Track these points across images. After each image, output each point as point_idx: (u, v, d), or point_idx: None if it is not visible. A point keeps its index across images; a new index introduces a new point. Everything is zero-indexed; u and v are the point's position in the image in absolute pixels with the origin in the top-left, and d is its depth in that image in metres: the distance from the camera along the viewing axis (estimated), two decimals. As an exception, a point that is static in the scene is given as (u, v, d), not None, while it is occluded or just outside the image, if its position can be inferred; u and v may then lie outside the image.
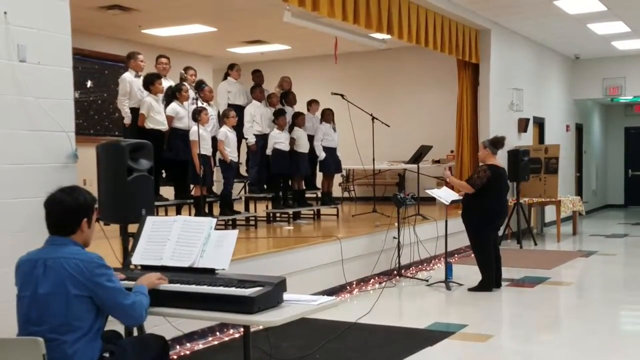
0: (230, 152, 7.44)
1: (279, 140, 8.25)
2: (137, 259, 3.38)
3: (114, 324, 3.04)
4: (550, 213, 12.18)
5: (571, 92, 14.39)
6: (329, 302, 3.11)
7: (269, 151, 8.27)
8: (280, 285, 2.98)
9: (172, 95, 7.27)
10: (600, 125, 17.30)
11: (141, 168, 4.12)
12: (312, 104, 9.28)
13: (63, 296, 2.67)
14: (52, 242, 2.82)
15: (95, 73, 10.49)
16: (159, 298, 3.01)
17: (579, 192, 14.76)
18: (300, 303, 3.02)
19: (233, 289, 2.93)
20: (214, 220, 3.36)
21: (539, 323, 5.68)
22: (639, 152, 17.29)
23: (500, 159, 7.13)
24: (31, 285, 2.73)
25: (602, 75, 13.97)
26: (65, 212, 2.81)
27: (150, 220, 3.51)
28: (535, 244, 10.34)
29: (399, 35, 8.26)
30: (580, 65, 14.30)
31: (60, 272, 2.70)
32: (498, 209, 6.80)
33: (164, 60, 7.62)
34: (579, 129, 15.32)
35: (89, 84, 10.40)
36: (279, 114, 8.35)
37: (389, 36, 8.54)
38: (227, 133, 7.37)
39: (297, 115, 8.70)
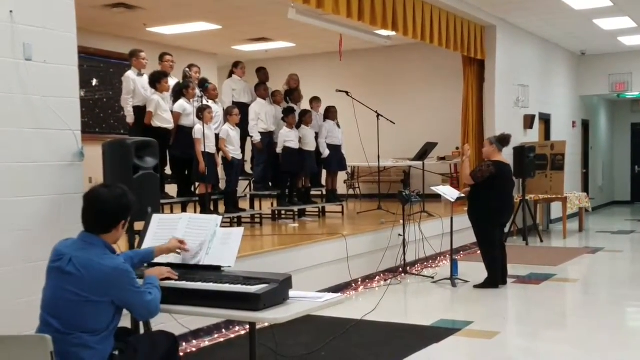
0: (234, 150, 7.45)
1: (289, 138, 8.25)
2: (143, 257, 3.38)
3: (121, 321, 3.05)
4: (556, 210, 12.14)
5: (577, 88, 14.33)
6: (334, 299, 3.10)
7: (279, 149, 8.28)
8: (286, 283, 2.99)
9: (180, 92, 7.28)
10: (607, 121, 17.22)
11: (147, 166, 4.13)
12: (314, 101, 9.27)
13: (83, 300, 2.68)
14: (84, 239, 2.80)
15: (100, 71, 10.52)
16: (166, 295, 3.01)
17: (585, 188, 14.70)
18: (305, 300, 3.02)
19: (239, 286, 2.94)
20: (220, 218, 3.37)
21: (545, 320, 5.66)
22: (645, 148, 17.24)
23: (506, 156, 7.11)
24: (54, 277, 2.74)
25: (609, 71, 13.91)
26: (105, 210, 2.79)
27: (156, 217, 3.52)
28: (542, 241, 10.31)
29: (404, 32, 8.25)
30: (586, 61, 14.24)
31: (84, 275, 2.69)
32: (503, 206, 6.78)
33: (169, 57, 7.61)
34: (585, 125, 15.26)
35: (94, 82, 10.43)
36: (288, 112, 8.35)
37: (393, 33, 8.52)
38: (228, 131, 7.37)
39: (305, 114, 8.69)
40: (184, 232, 3.35)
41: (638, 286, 7.20)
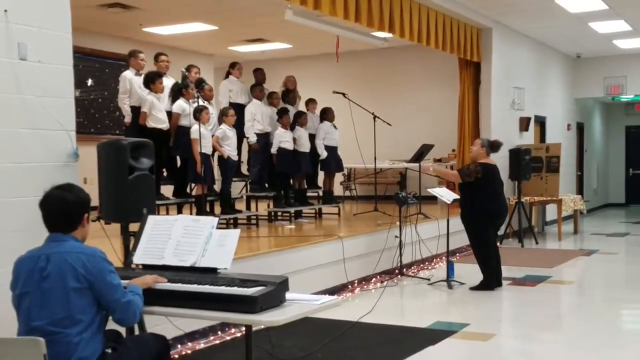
0: (231, 150, 7.42)
1: (284, 139, 8.24)
2: (138, 259, 3.37)
3: (114, 324, 3.03)
4: (551, 212, 12.16)
5: (572, 90, 14.36)
6: (331, 301, 3.10)
7: (274, 150, 8.27)
8: (282, 285, 2.97)
9: (179, 91, 7.25)
10: (601, 124, 17.28)
11: (142, 167, 4.10)
12: (310, 102, 9.26)
13: (64, 290, 2.68)
14: (53, 239, 2.81)
15: (95, 71, 10.48)
16: (161, 298, 3.00)
17: (580, 190, 14.74)
18: (302, 302, 3.01)
19: (235, 288, 2.92)
20: (216, 220, 3.35)
21: (540, 322, 5.66)
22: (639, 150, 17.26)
23: (502, 159, 7.11)
24: (33, 281, 2.72)
25: (604, 74, 13.95)
26: (68, 208, 2.81)
27: (151, 219, 3.50)
28: (537, 243, 10.33)
29: (401, 34, 8.25)
30: (581, 64, 14.28)
31: (63, 267, 2.70)
32: (495, 208, 6.77)
33: (164, 57, 7.59)
34: (580, 128, 15.30)
35: (89, 82, 10.39)
36: (282, 113, 8.34)
37: (390, 35, 8.52)
38: (226, 131, 7.35)
39: (300, 115, 8.67)
40: (179, 233, 3.33)
41: (633, 288, 7.20)
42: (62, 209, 2.80)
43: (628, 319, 6.16)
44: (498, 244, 7.52)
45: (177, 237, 3.32)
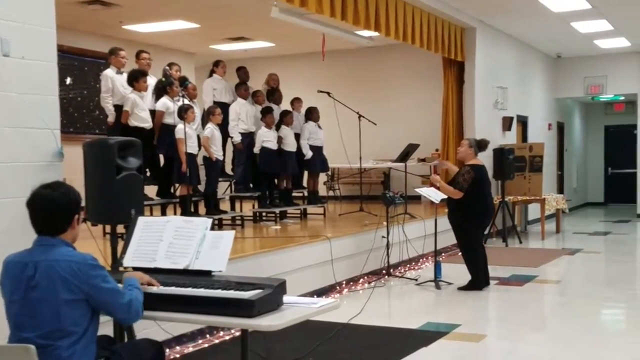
0: (216, 150, 7.31)
1: (267, 138, 8.14)
2: (128, 261, 3.24)
3: (104, 329, 2.91)
4: (533, 211, 12.23)
5: (553, 90, 14.48)
6: (329, 304, 3.02)
7: (256, 149, 8.17)
8: (279, 288, 2.88)
9: (163, 89, 7.11)
10: (581, 123, 17.46)
11: (130, 166, 3.98)
12: (295, 101, 9.17)
13: (55, 302, 2.53)
14: (41, 243, 2.65)
15: (75, 70, 10.26)
16: (154, 302, 2.89)
17: (561, 190, 14.87)
18: (300, 306, 2.93)
19: (232, 291, 2.82)
20: (210, 221, 3.25)
21: (530, 322, 5.65)
22: (618, 150, 17.46)
23: (485, 158, 7.09)
24: (21, 289, 2.58)
25: (584, 73, 14.09)
26: (57, 210, 2.64)
27: (141, 220, 3.38)
28: (520, 242, 10.37)
29: (386, 32, 8.21)
30: (562, 63, 14.40)
31: (53, 276, 2.55)
32: (484, 209, 6.76)
33: (146, 55, 7.45)
34: (561, 128, 15.44)
35: (68, 80, 10.17)
36: (266, 112, 8.24)
37: (376, 33, 8.48)
38: (213, 131, 7.24)
39: (285, 114, 8.58)
40: (171, 235, 3.22)
41: (619, 287, 7.24)
42: (50, 211, 2.63)
43: (614, 317, 6.18)
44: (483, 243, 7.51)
45: (169, 239, 3.20)
